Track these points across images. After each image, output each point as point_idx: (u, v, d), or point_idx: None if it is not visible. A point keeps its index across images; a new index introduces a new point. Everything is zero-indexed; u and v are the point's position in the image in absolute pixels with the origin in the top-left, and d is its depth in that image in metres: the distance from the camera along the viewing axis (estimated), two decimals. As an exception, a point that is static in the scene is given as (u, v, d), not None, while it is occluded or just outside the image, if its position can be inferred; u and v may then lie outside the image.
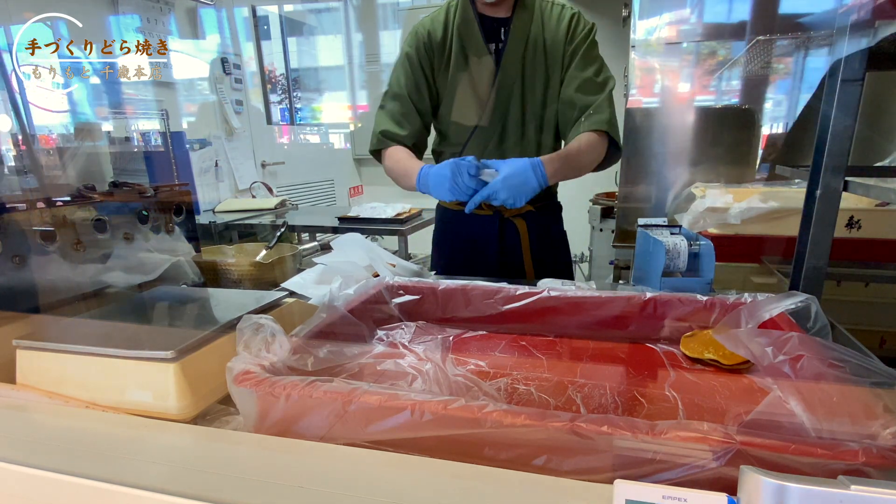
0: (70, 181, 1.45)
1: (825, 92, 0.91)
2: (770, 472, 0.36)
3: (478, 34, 1.24)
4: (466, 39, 1.25)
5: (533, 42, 1.24)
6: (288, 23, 4.18)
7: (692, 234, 0.97)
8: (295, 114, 4.39)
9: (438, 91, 1.31)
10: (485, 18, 1.25)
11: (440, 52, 1.27)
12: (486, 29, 1.25)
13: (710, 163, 1.98)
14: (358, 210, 2.73)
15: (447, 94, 1.30)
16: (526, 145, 1.31)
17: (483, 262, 1.40)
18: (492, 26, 1.25)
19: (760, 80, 1.97)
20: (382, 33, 4.13)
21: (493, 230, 1.37)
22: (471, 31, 1.25)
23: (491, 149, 1.30)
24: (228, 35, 3.43)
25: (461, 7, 1.25)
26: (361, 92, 4.33)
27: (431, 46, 1.27)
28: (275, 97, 4.17)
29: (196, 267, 1.18)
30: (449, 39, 1.26)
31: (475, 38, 1.25)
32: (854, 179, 0.92)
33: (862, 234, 1.43)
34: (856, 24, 0.84)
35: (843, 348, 0.60)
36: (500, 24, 1.25)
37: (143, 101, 2.71)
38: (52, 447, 0.57)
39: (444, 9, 1.28)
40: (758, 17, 1.81)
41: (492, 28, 1.25)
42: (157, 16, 2.83)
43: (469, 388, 0.70)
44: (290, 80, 4.30)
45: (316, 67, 4.64)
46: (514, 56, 1.24)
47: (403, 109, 1.30)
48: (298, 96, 4.46)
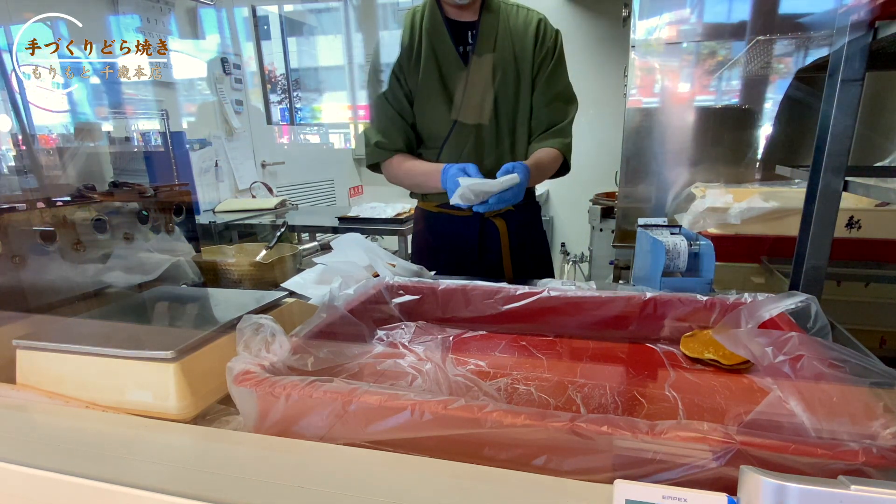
0: (70, 181, 1.45)
1: (825, 92, 0.91)
2: (770, 472, 0.36)
3: (447, 38, 1.27)
4: (436, 43, 1.27)
5: (501, 44, 1.27)
6: (288, 23, 4.17)
7: (692, 234, 0.97)
8: (295, 114, 4.39)
9: (412, 94, 1.33)
10: (452, 22, 1.27)
11: (407, 57, 1.29)
12: (454, 33, 1.27)
13: (710, 163, 1.98)
14: (358, 210, 2.73)
15: (420, 98, 1.31)
16: (501, 145, 1.33)
17: (463, 262, 1.41)
18: (460, 30, 1.27)
19: (760, 80, 1.97)
20: (382, 33, 4.13)
21: (474, 230, 1.39)
22: (440, 35, 1.27)
23: (468, 150, 1.32)
24: (228, 35, 3.43)
25: (429, 11, 1.28)
26: (361, 92, 4.33)
27: (401, 50, 1.29)
28: (275, 97, 4.17)
29: (196, 267, 1.18)
30: (416, 43, 1.28)
31: (445, 42, 1.27)
32: (854, 179, 0.92)
33: (862, 234, 1.43)
34: (856, 24, 0.84)
35: (843, 348, 0.60)
36: (467, 27, 1.27)
37: (143, 101, 2.71)
38: (52, 447, 0.57)
39: (410, 13, 1.31)
40: (758, 17, 1.81)
41: (460, 32, 1.27)
42: (157, 16, 2.83)
43: (469, 388, 0.70)
44: (290, 80, 4.29)
45: (316, 67, 4.63)
46: (483, 58, 1.27)
47: (388, 116, 1.33)
48: (298, 96, 4.45)
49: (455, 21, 1.27)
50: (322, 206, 4.08)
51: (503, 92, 1.29)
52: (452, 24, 1.27)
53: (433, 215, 1.44)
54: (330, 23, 4.47)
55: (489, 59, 1.27)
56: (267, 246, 1.32)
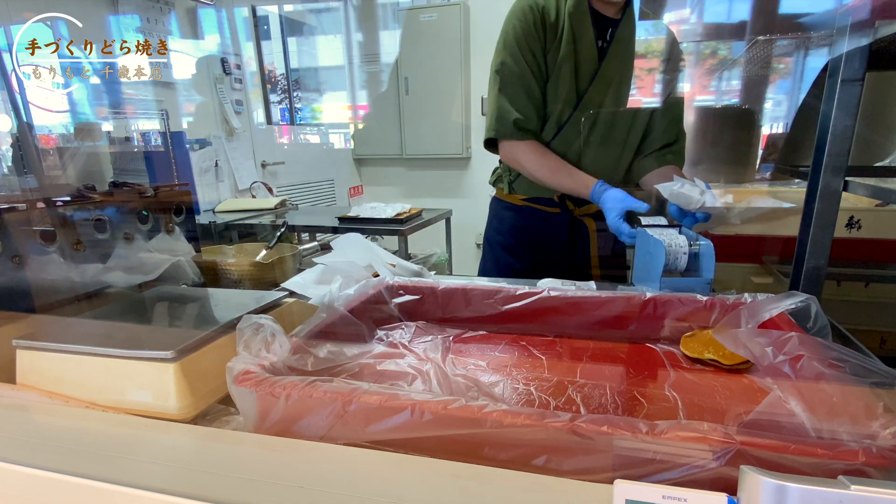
0: (70, 181, 1.45)
1: (825, 92, 0.91)
2: (770, 472, 0.36)
3: (590, 28, 1.22)
4: (578, 29, 1.22)
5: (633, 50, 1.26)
6: (288, 23, 4.18)
7: (692, 234, 0.97)
8: (295, 114, 4.39)
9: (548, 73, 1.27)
10: (596, 14, 1.23)
11: (552, 34, 1.23)
12: (596, 25, 1.23)
13: (710, 163, 1.98)
14: (358, 210, 2.72)
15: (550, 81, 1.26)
16: (608, 152, 1.30)
17: (551, 260, 1.37)
18: (601, 23, 1.24)
19: (760, 80, 1.96)
20: (382, 33, 4.13)
21: (563, 229, 1.35)
22: (584, 23, 1.22)
23: (573, 149, 1.29)
24: (228, 35, 3.43)
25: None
26: (361, 92, 4.33)
27: (544, 25, 1.22)
28: (275, 97, 4.17)
29: (196, 267, 1.18)
30: (562, 23, 1.22)
31: (587, 31, 1.22)
32: (854, 179, 0.92)
33: (862, 234, 1.43)
34: (856, 24, 0.84)
35: (843, 348, 0.60)
36: (608, 23, 1.24)
37: (143, 101, 2.71)
38: (52, 447, 0.57)
39: None
40: (758, 17, 1.81)
41: (601, 25, 1.24)
42: (157, 16, 2.83)
43: (469, 388, 0.70)
44: (290, 80, 4.30)
45: (316, 67, 4.64)
46: (616, 58, 1.25)
47: (527, 91, 1.25)
48: (298, 96, 4.46)
49: (598, 13, 1.23)
50: (322, 206, 4.08)
51: (624, 96, 1.27)
52: (596, 16, 1.23)
53: (518, 209, 1.38)
54: (330, 23, 4.47)
55: (620, 61, 1.25)
56: (267, 246, 1.32)
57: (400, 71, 3.90)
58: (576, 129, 1.28)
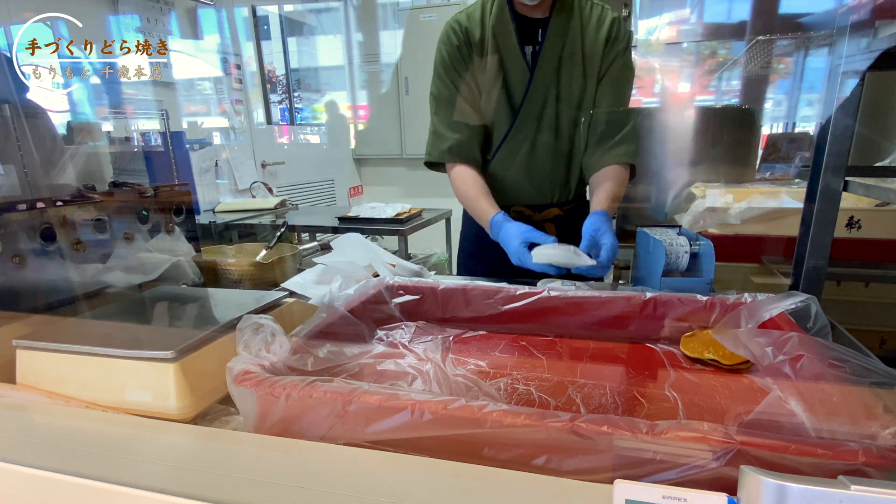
0: (70, 181, 1.45)
1: (825, 92, 0.91)
2: (770, 472, 0.36)
3: (513, 37, 1.18)
4: (502, 41, 1.19)
5: (570, 45, 1.19)
6: (288, 23, 4.18)
7: (692, 234, 0.97)
8: (295, 114, 4.39)
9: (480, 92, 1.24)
10: (522, 19, 1.19)
11: (478, 52, 1.21)
12: (523, 30, 1.19)
13: (710, 163, 1.98)
14: (358, 210, 2.73)
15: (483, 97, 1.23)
16: (558, 155, 1.27)
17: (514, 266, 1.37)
18: (529, 27, 1.19)
19: (760, 80, 1.97)
20: (382, 33, 4.13)
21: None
22: (506, 33, 1.19)
23: (521, 157, 1.26)
24: (228, 35, 3.44)
25: (497, 5, 1.18)
26: (361, 92, 4.33)
27: (469, 46, 1.21)
28: (275, 97, 4.18)
29: (196, 267, 1.18)
30: (487, 39, 1.20)
31: (510, 41, 1.19)
32: (854, 179, 0.92)
33: (862, 234, 1.43)
34: (856, 24, 0.84)
35: (843, 348, 0.60)
36: (537, 24, 1.19)
37: (143, 101, 2.71)
38: (52, 447, 0.57)
39: (479, 5, 1.22)
40: (758, 17, 1.81)
41: (529, 29, 1.19)
42: (157, 16, 2.83)
43: (469, 388, 0.70)
44: (291, 80, 4.30)
45: (316, 67, 4.64)
46: (550, 60, 1.19)
47: (460, 115, 1.23)
48: (299, 96, 4.46)
49: (524, 18, 1.18)
50: (322, 206, 4.08)
51: (567, 95, 1.22)
52: (521, 21, 1.18)
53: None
54: (330, 23, 4.47)
55: (555, 61, 1.19)
56: (267, 246, 1.32)
57: (400, 71, 3.90)
58: (514, 145, 1.25)
